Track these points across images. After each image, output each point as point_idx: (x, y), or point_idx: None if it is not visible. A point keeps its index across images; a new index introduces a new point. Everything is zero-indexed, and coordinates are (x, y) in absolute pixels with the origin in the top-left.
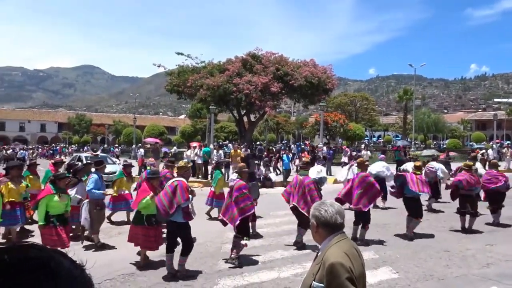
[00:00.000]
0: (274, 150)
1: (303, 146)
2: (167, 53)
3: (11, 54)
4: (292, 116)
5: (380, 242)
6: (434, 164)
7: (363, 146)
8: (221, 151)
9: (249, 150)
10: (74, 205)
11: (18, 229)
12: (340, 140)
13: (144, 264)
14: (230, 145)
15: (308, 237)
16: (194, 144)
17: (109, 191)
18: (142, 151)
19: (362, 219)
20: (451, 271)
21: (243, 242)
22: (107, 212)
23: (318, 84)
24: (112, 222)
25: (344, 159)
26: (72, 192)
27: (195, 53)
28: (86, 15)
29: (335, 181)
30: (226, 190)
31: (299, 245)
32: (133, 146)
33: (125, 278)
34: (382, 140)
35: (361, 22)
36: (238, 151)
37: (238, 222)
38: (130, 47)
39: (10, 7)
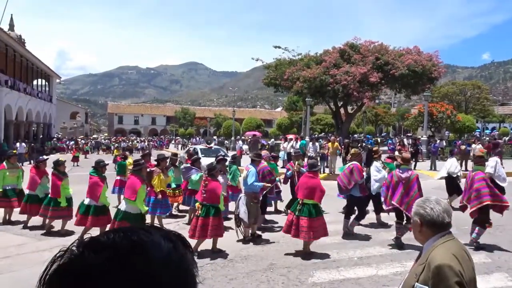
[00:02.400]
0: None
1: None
2: (265, 47)
3: (127, 54)
4: (393, 107)
5: (494, 245)
6: None
7: (499, 138)
8: (317, 144)
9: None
10: None
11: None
12: (447, 132)
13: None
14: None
15: (408, 235)
16: (290, 136)
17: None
18: (240, 143)
19: None
20: None
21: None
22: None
23: (422, 73)
24: None
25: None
26: (220, 179)
27: (292, 45)
28: (190, 15)
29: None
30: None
31: (476, 244)
32: (232, 138)
33: (225, 263)
34: (497, 132)
35: (474, 2)
36: (336, 143)
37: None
38: (230, 42)
39: (127, 14)
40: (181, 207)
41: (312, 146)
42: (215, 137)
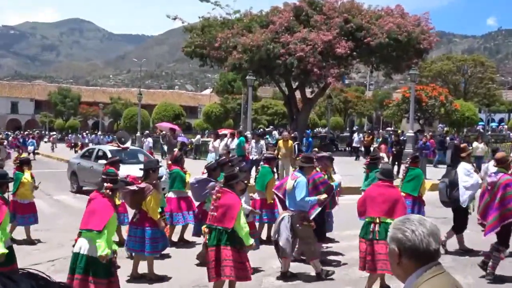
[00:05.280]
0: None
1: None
2: (186, 1)
3: None
4: (368, 91)
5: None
6: None
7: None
8: (262, 142)
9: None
10: None
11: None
12: (441, 125)
13: None
14: (275, 132)
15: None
16: (224, 131)
17: None
18: (150, 141)
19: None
20: None
21: (502, 255)
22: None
23: (408, 42)
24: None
25: None
26: (241, 200)
27: None
28: None
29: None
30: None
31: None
32: (138, 134)
33: None
34: (506, 126)
35: None
36: (290, 142)
37: (499, 228)
38: None
39: None
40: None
41: (255, 146)
42: (143, 133)
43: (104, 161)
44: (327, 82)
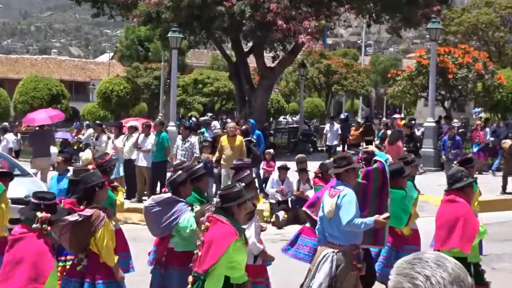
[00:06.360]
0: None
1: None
2: None
3: None
4: (363, 56)
5: None
6: None
7: None
8: (194, 139)
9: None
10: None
11: None
12: (477, 110)
13: None
14: (216, 123)
15: None
16: (132, 122)
17: None
18: (10, 138)
19: None
20: None
21: None
22: None
23: None
24: None
25: None
26: (248, 232)
27: None
28: None
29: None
30: None
31: None
32: None
33: None
34: None
35: None
36: (239, 138)
37: None
38: None
39: None
40: None
41: (183, 145)
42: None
43: None
44: (298, 42)
